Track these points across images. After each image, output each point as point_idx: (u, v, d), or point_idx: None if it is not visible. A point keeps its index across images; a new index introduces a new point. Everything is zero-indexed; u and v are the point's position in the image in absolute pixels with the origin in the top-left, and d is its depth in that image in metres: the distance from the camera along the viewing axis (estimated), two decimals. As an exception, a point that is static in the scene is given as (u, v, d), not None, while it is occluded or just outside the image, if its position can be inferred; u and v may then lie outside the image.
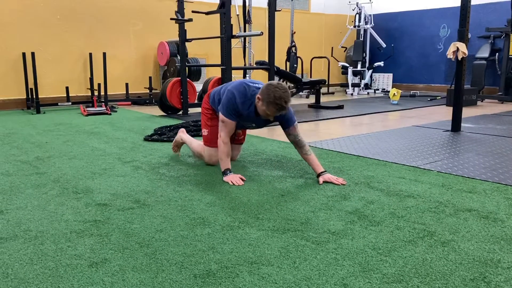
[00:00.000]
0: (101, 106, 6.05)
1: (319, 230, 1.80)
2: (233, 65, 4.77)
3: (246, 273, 1.45)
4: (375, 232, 1.78)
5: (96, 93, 6.49)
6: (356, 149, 3.37)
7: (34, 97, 5.85)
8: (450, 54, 4.07)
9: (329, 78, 8.52)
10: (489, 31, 7.50)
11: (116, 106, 6.43)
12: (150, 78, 6.94)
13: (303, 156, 2.65)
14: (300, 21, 8.87)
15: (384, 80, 9.34)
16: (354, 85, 8.64)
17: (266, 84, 2.49)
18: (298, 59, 8.28)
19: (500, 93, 7.05)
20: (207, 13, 4.94)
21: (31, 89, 6.01)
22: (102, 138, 3.93)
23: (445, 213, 2.00)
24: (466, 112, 5.26)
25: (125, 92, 6.85)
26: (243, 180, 2.51)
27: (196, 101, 5.75)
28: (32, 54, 5.86)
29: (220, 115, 2.65)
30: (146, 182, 2.52)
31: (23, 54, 6.03)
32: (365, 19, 9.01)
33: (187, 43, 5.45)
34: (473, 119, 4.99)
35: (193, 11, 5.01)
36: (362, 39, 9.09)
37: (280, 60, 7.95)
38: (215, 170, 2.76)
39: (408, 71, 9.49)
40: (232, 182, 2.47)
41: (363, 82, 8.86)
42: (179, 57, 5.56)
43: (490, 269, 1.47)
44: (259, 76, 7.82)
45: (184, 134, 3.15)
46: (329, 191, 2.33)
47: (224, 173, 2.57)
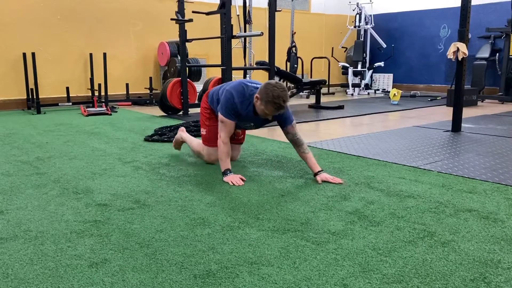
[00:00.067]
0: (102, 107, 6.05)
1: (319, 231, 1.80)
2: (234, 66, 4.77)
3: (246, 274, 1.45)
4: (375, 233, 1.78)
5: (97, 94, 6.50)
6: (356, 150, 3.37)
7: (35, 97, 5.85)
8: (451, 55, 4.07)
9: (330, 79, 8.52)
10: (490, 31, 7.50)
11: (117, 107, 6.44)
12: (151, 79, 6.95)
13: (301, 155, 2.67)
14: (301, 21, 8.88)
15: (385, 81, 9.34)
16: (355, 86, 8.63)
17: (265, 84, 2.50)
18: (299, 60, 8.28)
19: (501, 94, 7.05)
20: (208, 14, 4.94)
21: (32, 89, 6.02)
22: (103, 139, 3.93)
23: (445, 214, 2.00)
24: (467, 113, 5.25)
25: (126, 93, 6.86)
26: (243, 180, 2.51)
27: (197, 102, 5.74)
28: (33, 54, 5.87)
29: (220, 115, 2.65)
30: (146, 183, 2.52)
31: (24, 54, 6.04)
32: (366, 20, 9.01)
33: (188, 44, 5.45)
34: (474, 120, 4.99)
35: (194, 12, 5.01)
36: (363, 40, 9.09)
37: (281, 61, 7.95)
38: (215, 170, 2.76)
39: (409, 72, 9.49)
40: (232, 183, 2.48)
41: (364, 83, 8.85)
42: (180, 58, 5.56)
43: (490, 270, 1.47)
44: (259, 77, 7.82)
45: (184, 133, 3.20)
46: (329, 191, 2.33)
47: (224, 174, 2.57)
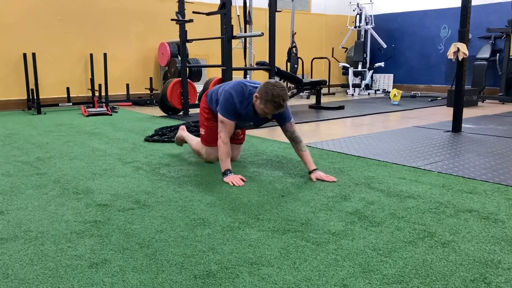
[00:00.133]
0: (102, 107, 6.05)
1: (319, 231, 1.80)
2: (234, 66, 4.77)
3: (246, 274, 1.45)
4: (376, 233, 1.78)
5: (97, 94, 6.50)
6: (357, 150, 3.37)
7: (35, 98, 5.86)
8: (451, 55, 4.07)
9: (330, 79, 8.52)
10: (490, 32, 7.49)
11: (117, 107, 6.44)
12: (151, 79, 6.95)
13: (298, 152, 2.70)
14: (301, 22, 8.88)
15: (385, 81, 9.34)
16: (355, 86, 8.63)
17: (264, 83, 2.51)
18: (299, 60, 8.28)
19: (501, 94, 7.04)
20: (208, 14, 4.94)
21: (32, 90, 6.02)
22: (103, 139, 3.93)
23: (446, 214, 1.99)
24: (467, 113, 5.25)
25: (126, 93, 6.86)
26: (244, 181, 2.51)
27: (197, 102, 5.74)
28: (33, 55, 5.87)
29: (219, 116, 2.66)
30: (147, 183, 2.52)
31: (24, 55, 6.04)
32: (366, 20, 9.01)
33: (188, 44, 5.45)
34: (474, 120, 4.98)
35: (194, 12, 5.01)
36: (363, 40, 9.08)
37: (281, 61, 7.95)
38: (216, 171, 2.76)
39: (409, 72, 9.48)
40: (233, 183, 2.48)
41: (364, 83, 8.85)
42: (180, 58, 5.56)
43: (491, 270, 1.47)
44: (260, 77, 7.82)
45: (184, 132, 3.27)
46: (330, 192, 2.33)
47: (225, 174, 2.57)
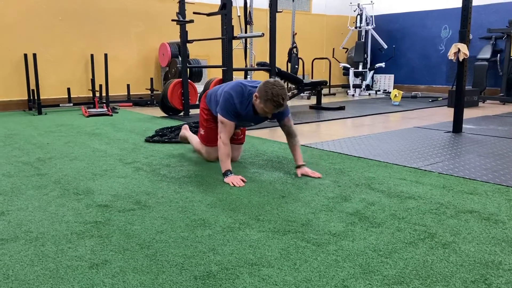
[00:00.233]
0: (103, 107, 6.05)
1: (320, 232, 1.80)
2: (234, 66, 4.77)
3: (247, 275, 1.45)
4: (376, 234, 1.78)
5: (98, 94, 6.50)
6: (357, 150, 3.37)
7: (36, 98, 5.86)
8: (452, 55, 4.07)
9: (330, 79, 8.52)
10: (491, 32, 7.49)
11: (118, 107, 6.44)
12: (152, 79, 6.95)
13: (291, 146, 2.77)
14: (301, 22, 8.88)
15: (386, 81, 9.34)
16: (356, 86, 8.63)
17: (263, 82, 2.52)
18: (299, 60, 8.28)
19: (502, 94, 7.04)
20: (208, 15, 4.94)
21: (33, 90, 6.03)
22: (103, 139, 3.93)
23: (446, 215, 1.99)
24: (468, 113, 5.25)
25: (127, 93, 6.86)
26: (244, 181, 2.51)
27: (197, 102, 5.75)
28: (34, 56, 5.88)
29: (219, 116, 2.67)
30: (147, 183, 2.52)
31: (25, 56, 6.04)
32: (367, 20, 9.02)
33: (189, 44, 5.46)
34: (475, 120, 4.98)
35: (194, 13, 5.02)
36: (364, 40, 9.08)
37: (281, 61, 7.95)
38: (216, 171, 2.76)
39: (410, 72, 9.48)
40: (233, 183, 2.48)
41: (365, 83, 8.85)
42: (181, 58, 5.56)
43: (491, 271, 1.46)
44: (260, 77, 7.81)
45: (187, 131, 3.37)
46: (330, 193, 2.32)
47: (225, 174, 2.57)
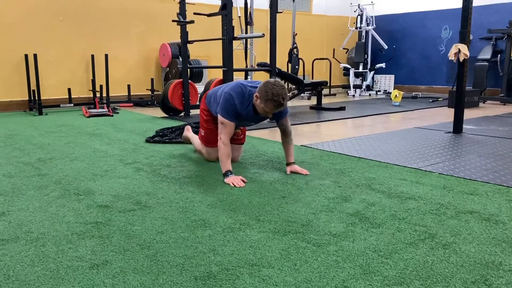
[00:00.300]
0: (103, 108, 6.06)
1: (320, 232, 1.80)
2: (235, 67, 4.77)
3: (247, 275, 1.45)
4: (376, 234, 1.78)
5: (98, 95, 6.50)
6: (358, 151, 3.37)
7: (37, 99, 5.87)
8: (452, 56, 4.07)
9: (331, 80, 8.52)
10: (491, 33, 7.49)
11: (118, 108, 6.44)
12: (152, 80, 6.95)
13: (284, 143, 2.82)
14: (302, 23, 8.88)
15: (386, 82, 9.33)
16: (356, 87, 8.63)
17: (264, 82, 2.53)
18: (300, 61, 8.28)
19: (502, 95, 7.04)
20: (209, 15, 4.95)
21: (33, 91, 6.03)
22: (104, 140, 3.93)
23: (447, 215, 1.99)
24: (468, 114, 5.25)
25: (127, 94, 6.87)
26: (244, 182, 2.52)
27: (198, 103, 5.75)
28: (35, 56, 5.88)
29: (219, 117, 2.67)
30: (148, 184, 2.52)
31: (26, 56, 6.05)
32: (367, 21, 9.01)
33: (189, 45, 5.46)
34: (475, 121, 4.98)
35: (195, 13, 5.02)
36: (364, 41, 9.08)
37: (282, 62, 7.95)
38: (216, 172, 2.76)
39: (410, 73, 9.48)
40: (233, 184, 2.48)
41: (365, 84, 8.85)
42: (181, 59, 5.57)
43: (492, 272, 1.46)
44: (261, 78, 7.81)
45: (189, 132, 3.46)
46: (330, 193, 2.32)
47: (225, 175, 2.58)
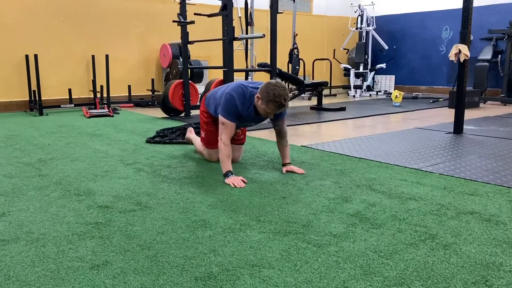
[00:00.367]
0: (104, 108, 6.06)
1: (321, 233, 1.80)
2: (235, 67, 4.77)
3: (247, 276, 1.45)
4: (377, 235, 1.78)
5: (99, 95, 6.51)
6: (358, 151, 3.37)
7: (37, 99, 5.87)
8: (452, 56, 4.07)
9: (331, 80, 8.51)
10: (492, 33, 7.49)
11: (119, 108, 6.44)
12: (153, 80, 6.96)
13: (280, 145, 2.83)
14: (302, 23, 8.88)
15: (386, 82, 9.33)
16: (356, 87, 8.63)
17: (265, 83, 2.53)
18: (300, 61, 8.28)
19: (503, 95, 7.03)
20: (209, 16, 4.95)
21: (34, 91, 6.03)
22: (105, 140, 3.94)
23: (447, 216, 1.99)
24: (469, 114, 5.25)
25: (128, 94, 6.87)
26: (245, 182, 2.52)
27: (198, 103, 5.75)
28: (35, 56, 5.89)
29: (220, 117, 2.67)
30: (148, 184, 2.52)
31: (26, 56, 6.05)
32: (367, 21, 9.01)
33: (190, 45, 5.46)
34: (476, 121, 4.98)
35: (195, 14, 5.02)
36: (364, 41, 9.08)
37: (282, 62, 7.95)
38: (217, 172, 2.76)
39: (410, 73, 9.48)
40: (234, 184, 2.48)
41: (365, 84, 8.84)
42: (182, 59, 5.57)
43: (492, 272, 1.46)
44: (261, 78, 7.81)
45: (192, 134, 3.50)
46: (331, 194, 2.32)
47: (226, 175, 2.58)
